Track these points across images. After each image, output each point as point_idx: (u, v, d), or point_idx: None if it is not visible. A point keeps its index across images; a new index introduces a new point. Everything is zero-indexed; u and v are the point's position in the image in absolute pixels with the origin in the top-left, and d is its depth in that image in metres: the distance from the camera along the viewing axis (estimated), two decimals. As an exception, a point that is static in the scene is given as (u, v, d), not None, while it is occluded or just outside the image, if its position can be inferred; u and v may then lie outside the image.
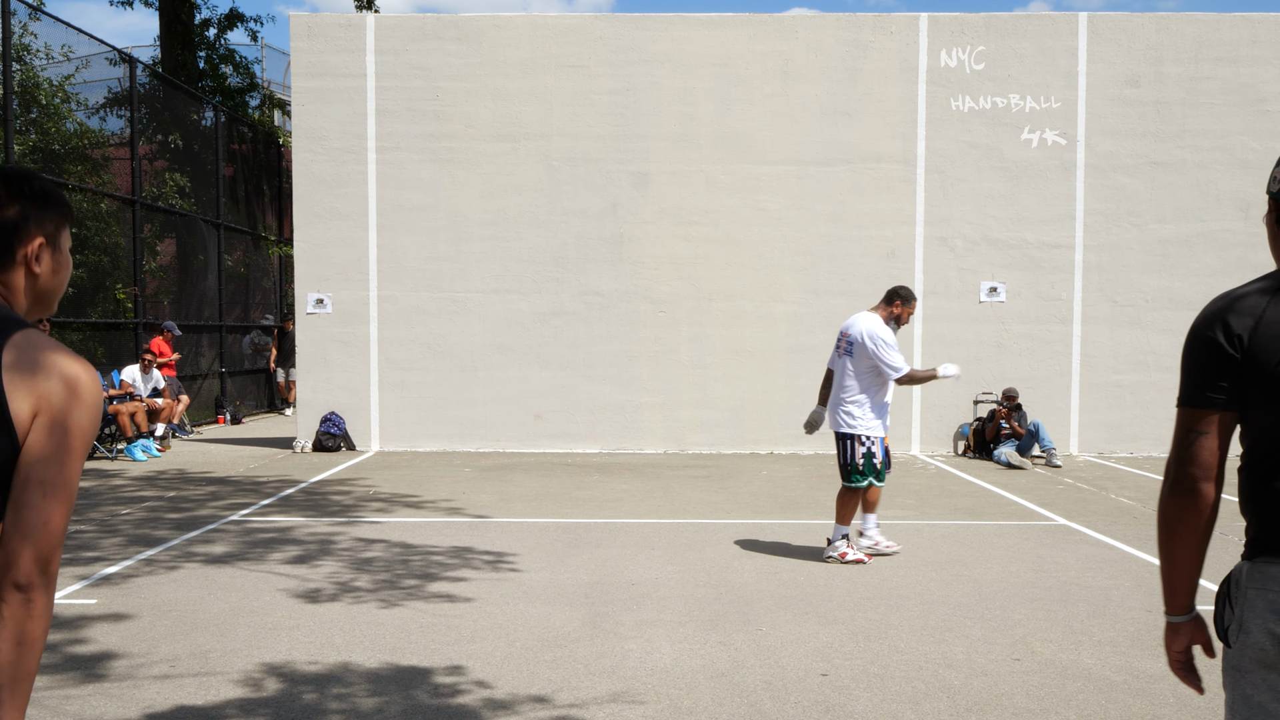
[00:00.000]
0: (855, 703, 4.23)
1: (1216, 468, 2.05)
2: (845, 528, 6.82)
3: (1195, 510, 2.05)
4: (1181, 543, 2.09)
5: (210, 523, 8.01)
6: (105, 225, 14.21)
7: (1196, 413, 2.07)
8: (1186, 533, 2.08)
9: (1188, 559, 2.10)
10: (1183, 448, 2.07)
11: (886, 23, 12.82)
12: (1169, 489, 2.09)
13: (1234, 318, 2.05)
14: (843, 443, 6.82)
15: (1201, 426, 2.06)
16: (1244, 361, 2.01)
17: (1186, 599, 2.14)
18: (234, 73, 21.22)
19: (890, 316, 6.87)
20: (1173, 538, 2.10)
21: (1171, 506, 2.08)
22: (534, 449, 12.82)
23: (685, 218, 12.82)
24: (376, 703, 4.17)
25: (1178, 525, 2.08)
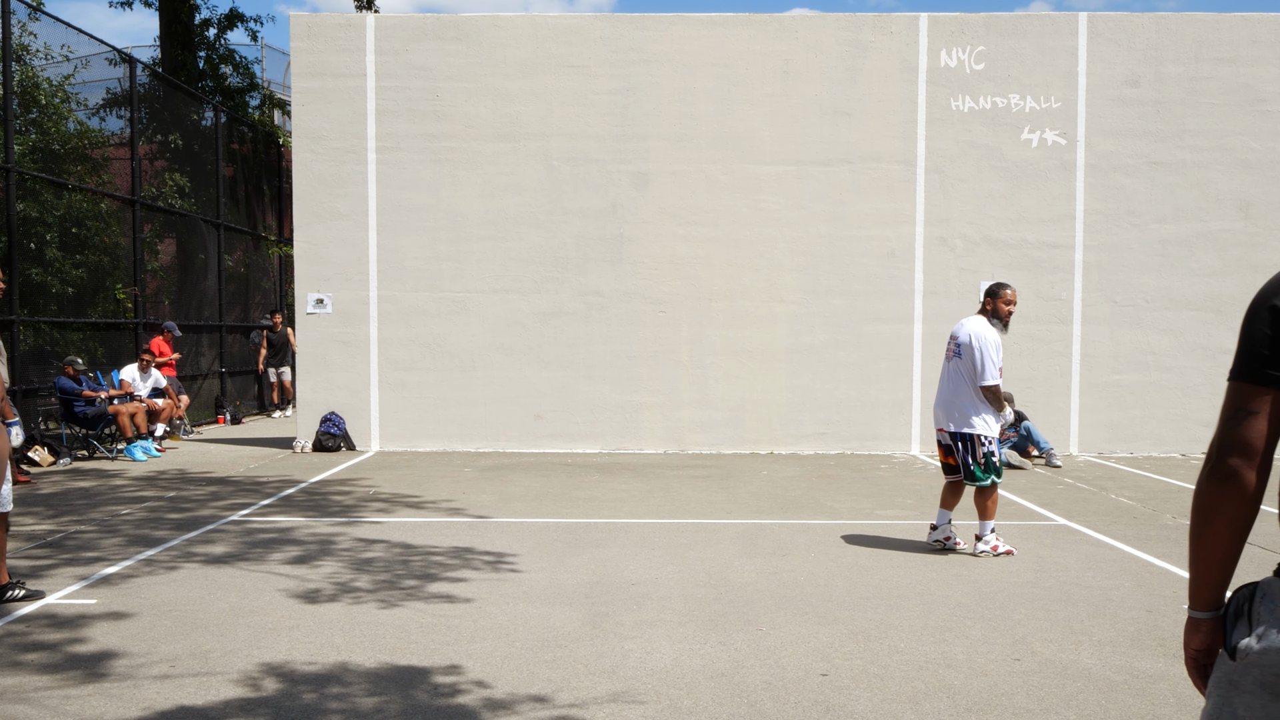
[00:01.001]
0: (855, 703, 4.23)
1: (1263, 453, 1.84)
2: (992, 522, 7.02)
3: (1235, 499, 1.85)
4: (1216, 533, 1.90)
5: (210, 523, 8.01)
6: (105, 225, 14.21)
7: (1248, 389, 1.85)
8: (1223, 523, 1.88)
9: (1221, 552, 1.91)
10: (1228, 428, 1.86)
11: (886, 23, 12.82)
12: (1208, 473, 1.88)
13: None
14: (964, 443, 6.97)
15: (1252, 405, 1.84)
16: None
17: (1214, 594, 1.95)
18: (234, 73, 21.22)
19: (991, 313, 7.01)
20: (1207, 527, 1.90)
21: (1209, 493, 1.88)
22: (534, 449, 12.82)
23: (685, 218, 12.82)
24: (376, 703, 4.17)
25: (1214, 514, 1.88)
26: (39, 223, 12.87)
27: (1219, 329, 12.79)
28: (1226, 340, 12.78)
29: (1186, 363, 12.80)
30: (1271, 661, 1.80)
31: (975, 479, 6.96)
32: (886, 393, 12.80)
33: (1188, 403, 12.80)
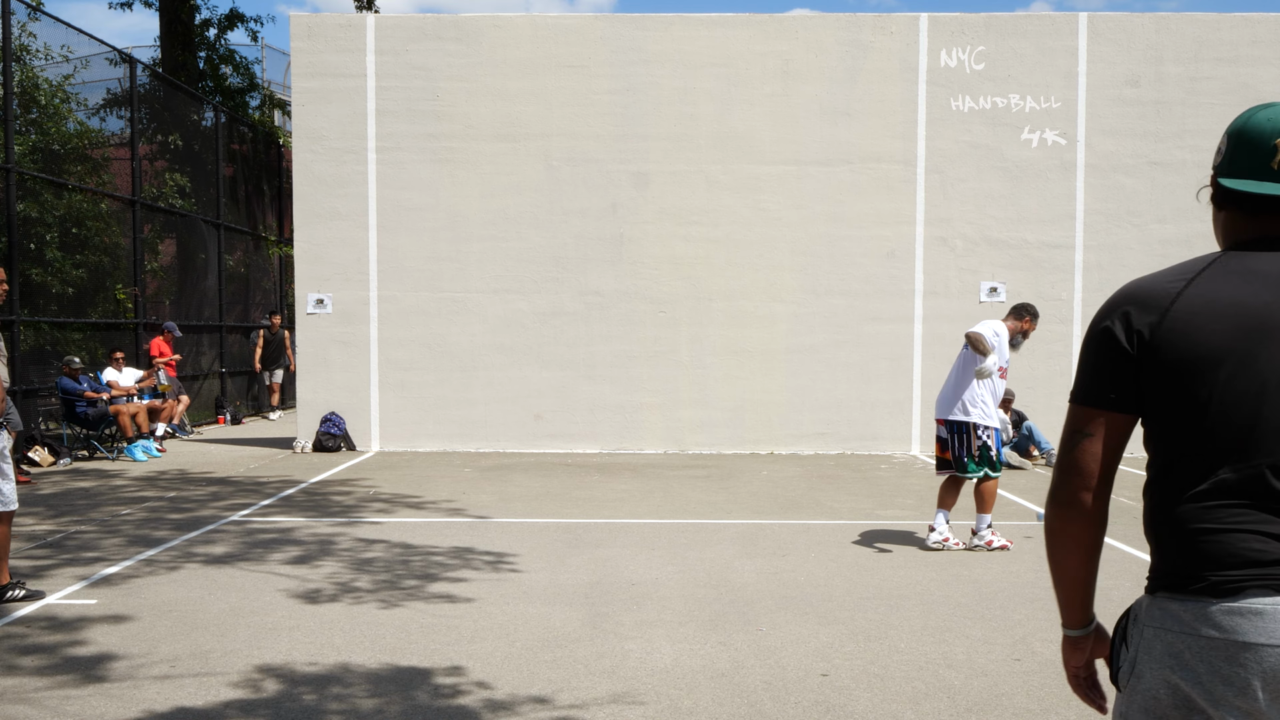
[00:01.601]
0: (855, 703, 4.23)
1: (1100, 475, 1.83)
2: (989, 516, 7.15)
3: (1077, 522, 1.83)
4: (1067, 554, 1.88)
5: (211, 523, 8.01)
6: (105, 225, 14.21)
7: (1083, 410, 1.85)
8: (1070, 545, 1.87)
9: (1074, 572, 1.88)
10: (1066, 451, 1.86)
11: (886, 23, 12.82)
12: (1050, 496, 1.88)
13: (1135, 307, 1.78)
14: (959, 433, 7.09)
15: (1088, 428, 1.83)
16: (1143, 359, 1.76)
17: (1081, 613, 1.92)
18: (234, 73, 21.23)
19: (1019, 330, 7.22)
20: (1056, 549, 1.89)
21: (1054, 517, 1.87)
22: (534, 449, 12.82)
23: (685, 218, 12.82)
24: (376, 703, 4.17)
25: (1061, 537, 1.87)
26: (39, 223, 12.87)
27: (1219, 329, 12.77)
28: (1226, 340, 12.77)
29: (1186, 363, 12.78)
30: (1146, 686, 1.76)
31: (965, 470, 7.04)
32: (886, 393, 12.80)
33: (1188, 403, 12.79)
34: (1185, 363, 1.72)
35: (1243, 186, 1.79)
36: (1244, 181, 1.79)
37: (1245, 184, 1.78)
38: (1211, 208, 1.90)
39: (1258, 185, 1.77)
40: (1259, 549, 1.67)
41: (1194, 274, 1.77)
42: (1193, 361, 1.72)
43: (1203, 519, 1.72)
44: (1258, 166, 1.78)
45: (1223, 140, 1.86)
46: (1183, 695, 1.72)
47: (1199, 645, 1.69)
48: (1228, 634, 1.66)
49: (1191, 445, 1.75)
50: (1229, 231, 1.86)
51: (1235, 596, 1.67)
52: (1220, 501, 1.71)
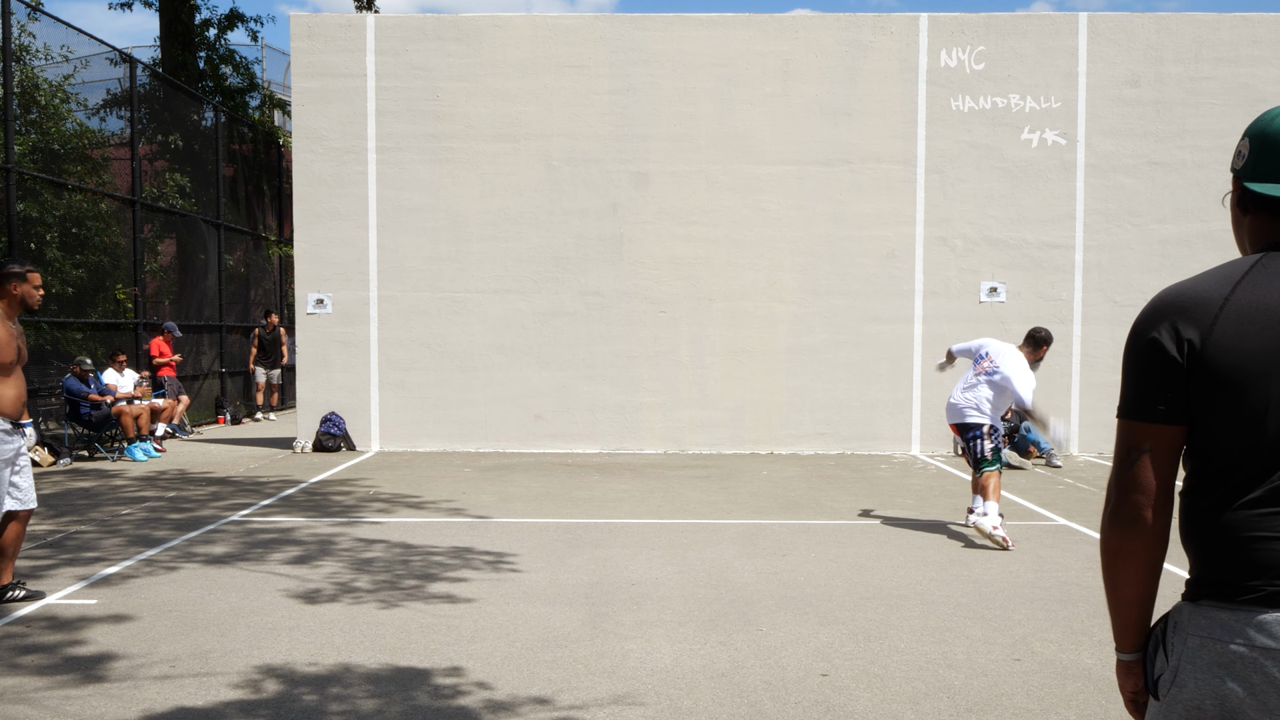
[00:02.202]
0: (855, 703, 4.23)
1: (1161, 491, 1.77)
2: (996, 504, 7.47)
3: (1141, 541, 1.79)
4: (1127, 576, 1.83)
5: (211, 523, 8.01)
6: (105, 225, 14.21)
7: (1138, 426, 1.79)
8: (1132, 566, 1.82)
9: (1135, 594, 1.84)
10: (1125, 468, 1.79)
11: (886, 23, 12.82)
12: (1110, 515, 1.81)
13: (1181, 317, 1.75)
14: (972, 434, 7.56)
15: (1145, 443, 1.78)
16: (1192, 369, 1.73)
17: (1137, 636, 1.87)
18: (234, 73, 21.23)
19: (1035, 359, 7.67)
20: (1117, 571, 1.83)
21: (1114, 536, 1.81)
22: (534, 449, 12.82)
23: (685, 218, 12.82)
24: (377, 704, 4.17)
25: (1121, 557, 1.81)
26: (39, 223, 12.87)
27: (1219, 329, 12.77)
28: (1226, 340, 12.77)
29: (1186, 363, 12.77)
30: (1189, 696, 1.73)
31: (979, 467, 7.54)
32: (886, 393, 12.80)
33: (1188, 403, 12.79)
34: (1238, 371, 1.69)
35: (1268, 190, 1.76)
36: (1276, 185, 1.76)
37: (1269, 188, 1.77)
38: (1233, 211, 1.87)
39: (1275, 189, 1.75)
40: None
41: (1238, 279, 1.73)
42: (1245, 369, 1.68)
43: (1258, 527, 1.68)
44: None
45: (1243, 143, 1.83)
46: (1231, 705, 1.68)
47: (1253, 655, 1.66)
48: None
49: (1245, 454, 1.70)
50: (1259, 235, 1.82)
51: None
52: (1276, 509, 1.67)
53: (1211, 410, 1.72)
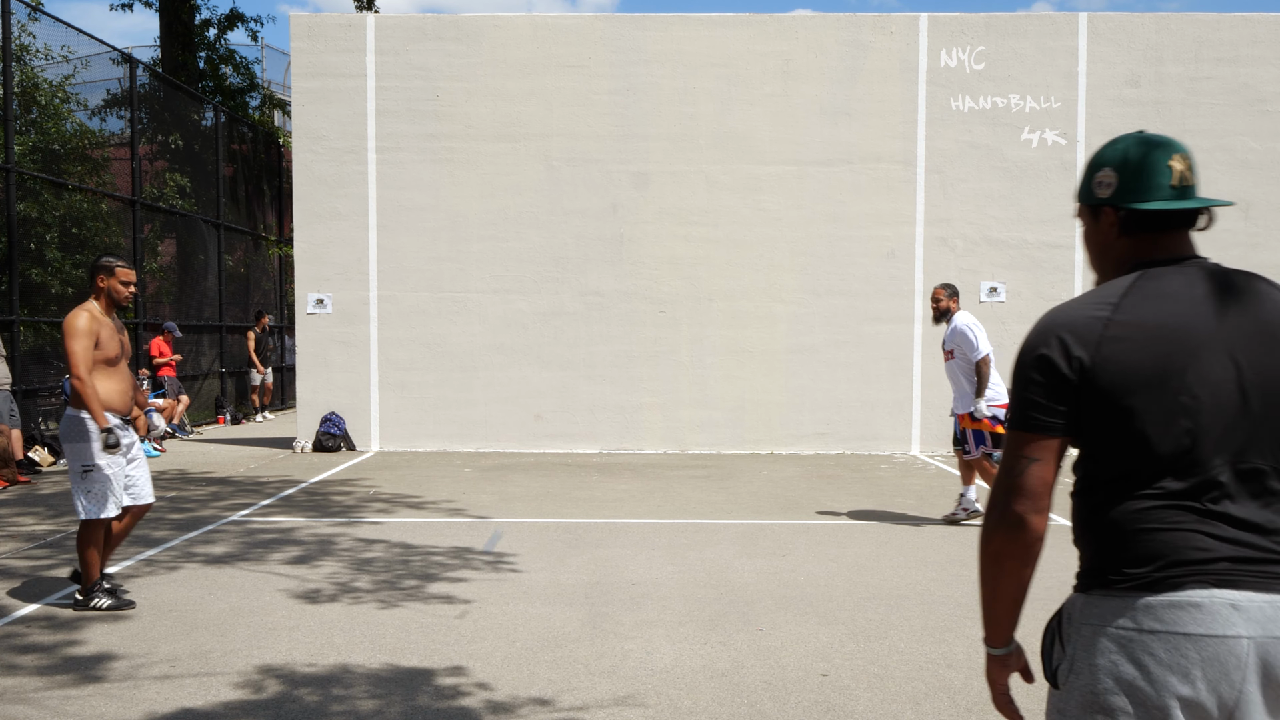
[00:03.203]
0: (855, 703, 4.23)
1: (1047, 497, 1.90)
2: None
3: (1024, 544, 1.89)
4: (1007, 576, 1.94)
5: (211, 523, 8.01)
6: (105, 225, 14.21)
7: (1026, 437, 1.89)
8: (1014, 566, 1.92)
9: (1012, 592, 1.96)
10: (1012, 475, 1.89)
11: (886, 23, 12.82)
12: (996, 520, 1.91)
13: (1071, 335, 1.85)
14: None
15: (1033, 453, 1.89)
16: (1082, 385, 1.84)
17: (1010, 631, 2.01)
18: (234, 73, 21.23)
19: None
20: (1000, 571, 1.94)
21: (998, 539, 1.91)
22: (534, 449, 12.82)
23: (685, 218, 12.82)
24: (377, 704, 4.17)
25: (1005, 559, 1.92)
26: (39, 223, 12.87)
27: (1219, 329, 12.78)
28: (1226, 340, 12.78)
29: (1186, 363, 12.79)
30: (1085, 682, 1.83)
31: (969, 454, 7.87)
32: (886, 393, 12.80)
33: (1188, 403, 12.80)
34: (1123, 385, 1.82)
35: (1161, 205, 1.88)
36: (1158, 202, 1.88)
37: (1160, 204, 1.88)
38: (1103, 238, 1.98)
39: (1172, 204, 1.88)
40: (1201, 547, 1.79)
41: (1117, 299, 1.86)
42: (1130, 383, 1.82)
43: (1146, 521, 1.83)
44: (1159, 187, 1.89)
45: (1102, 173, 1.95)
46: (1125, 685, 1.80)
47: (1141, 637, 1.80)
48: (1170, 626, 1.78)
49: (1133, 460, 1.84)
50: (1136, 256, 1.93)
51: (1176, 590, 1.78)
52: (1164, 504, 1.82)
53: (1102, 422, 1.85)
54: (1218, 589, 1.77)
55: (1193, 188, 1.92)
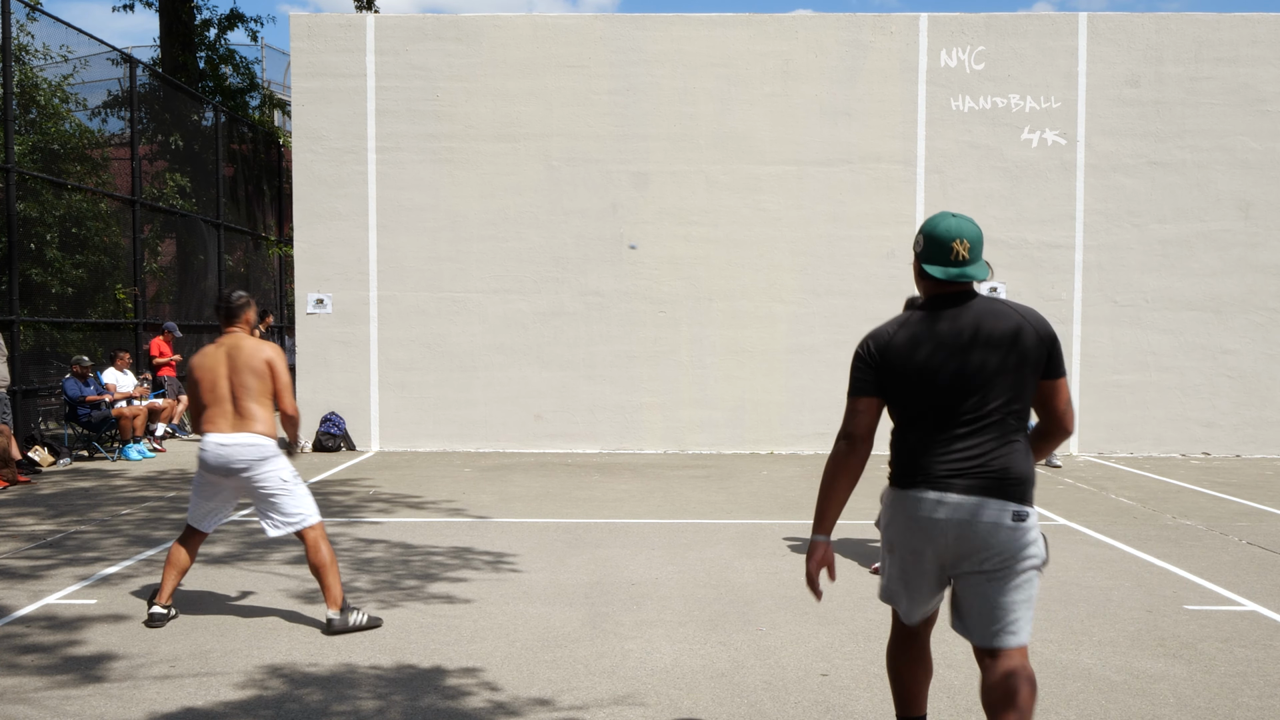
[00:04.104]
0: (855, 703, 4.23)
1: (868, 434, 3.19)
2: None
3: (853, 461, 3.18)
4: (840, 482, 3.19)
5: (210, 523, 8.00)
6: (105, 225, 14.21)
7: (857, 398, 3.20)
8: (845, 474, 3.19)
9: (841, 495, 3.20)
10: (847, 423, 3.20)
11: (886, 23, 12.83)
12: (840, 446, 3.19)
13: (874, 342, 3.19)
14: None
15: (860, 408, 3.19)
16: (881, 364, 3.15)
17: (832, 524, 3.22)
18: (234, 73, 21.22)
19: None
20: (836, 480, 3.19)
21: (840, 457, 3.18)
22: (534, 449, 12.82)
23: (685, 218, 12.82)
24: (378, 704, 4.17)
25: (841, 471, 3.19)
26: (39, 223, 12.86)
27: (1219, 329, 12.79)
28: (1226, 340, 12.79)
29: (1186, 363, 12.80)
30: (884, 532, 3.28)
31: None
32: (886, 393, 12.79)
33: (1187, 403, 12.81)
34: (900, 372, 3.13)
35: (936, 272, 3.13)
36: (935, 268, 3.14)
37: (936, 270, 3.14)
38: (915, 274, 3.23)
39: (944, 271, 3.13)
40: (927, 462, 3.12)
41: (900, 325, 3.18)
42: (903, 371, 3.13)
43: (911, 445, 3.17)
44: (943, 257, 3.13)
45: (918, 238, 3.20)
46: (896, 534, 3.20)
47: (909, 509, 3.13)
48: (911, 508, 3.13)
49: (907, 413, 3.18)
50: (929, 291, 3.20)
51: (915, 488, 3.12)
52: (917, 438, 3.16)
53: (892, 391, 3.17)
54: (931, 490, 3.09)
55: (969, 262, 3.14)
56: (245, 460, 5.19)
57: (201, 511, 5.42)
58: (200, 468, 5.33)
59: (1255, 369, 12.81)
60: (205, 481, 5.35)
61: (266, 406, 5.30)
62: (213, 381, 5.29)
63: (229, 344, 5.34)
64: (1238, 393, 12.83)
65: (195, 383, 5.34)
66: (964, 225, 3.14)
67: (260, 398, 5.27)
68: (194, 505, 5.44)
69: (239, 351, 5.29)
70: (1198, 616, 5.56)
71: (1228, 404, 12.83)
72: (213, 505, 5.42)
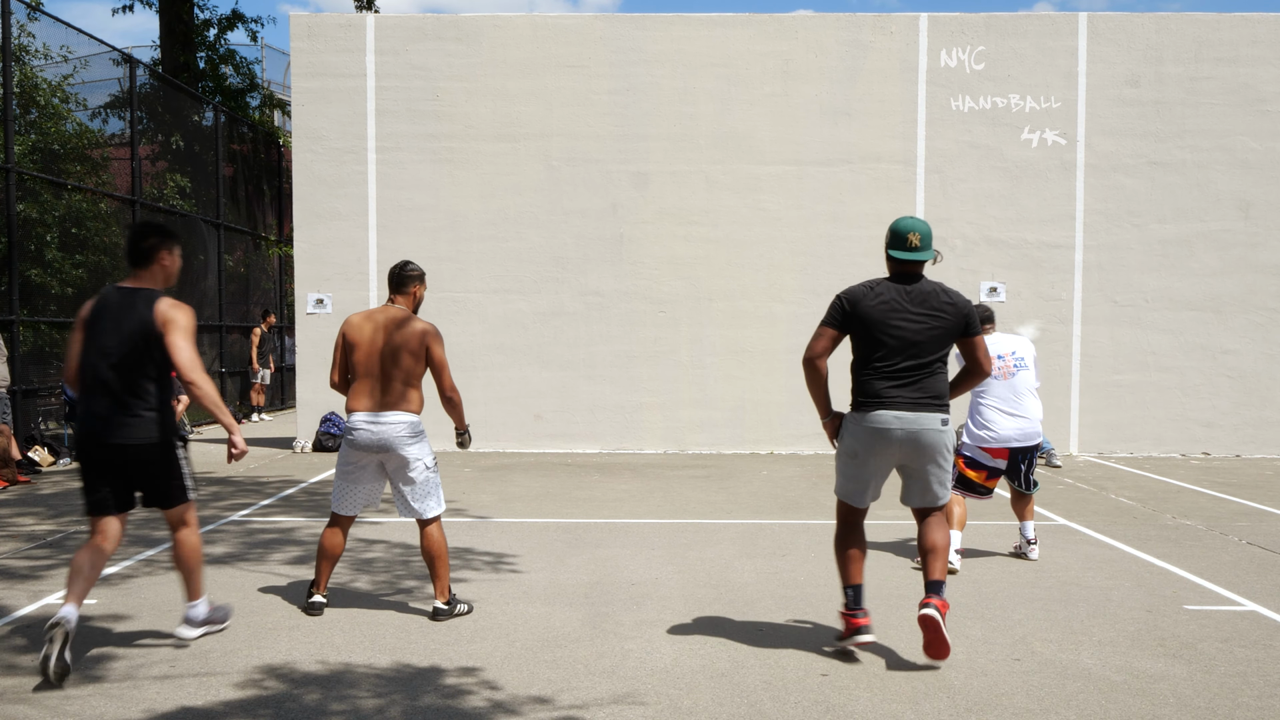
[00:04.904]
0: (855, 703, 4.23)
1: (825, 353, 4.71)
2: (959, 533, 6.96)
3: (820, 372, 4.73)
4: (820, 387, 4.77)
5: (211, 523, 8.01)
6: (105, 225, 14.21)
7: (825, 328, 4.73)
8: (820, 382, 4.75)
9: (823, 391, 4.78)
10: (814, 342, 4.71)
11: (886, 23, 12.83)
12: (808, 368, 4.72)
13: (848, 296, 4.75)
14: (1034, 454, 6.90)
15: (826, 334, 4.72)
16: (850, 314, 4.69)
17: (828, 409, 4.84)
18: (234, 73, 21.22)
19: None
20: (817, 385, 4.77)
21: (812, 373, 4.73)
22: (534, 449, 12.82)
23: (685, 218, 12.83)
24: (378, 704, 4.18)
25: (816, 381, 4.76)
26: (39, 223, 12.86)
27: (1219, 329, 12.79)
28: (1227, 340, 12.79)
29: (1186, 363, 12.80)
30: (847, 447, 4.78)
31: (1035, 486, 6.90)
32: (886, 393, 12.79)
33: (1187, 403, 12.81)
34: (864, 321, 4.64)
35: (898, 254, 4.76)
36: (898, 252, 4.76)
37: (898, 253, 4.76)
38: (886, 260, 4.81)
39: (903, 254, 4.75)
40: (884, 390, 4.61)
41: (870, 288, 4.73)
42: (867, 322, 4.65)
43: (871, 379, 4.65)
44: (901, 245, 4.76)
45: (888, 233, 4.80)
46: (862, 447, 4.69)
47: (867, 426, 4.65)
48: (873, 424, 4.63)
49: (869, 354, 4.66)
50: (893, 270, 4.81)
51: (876, 410, 4.62)
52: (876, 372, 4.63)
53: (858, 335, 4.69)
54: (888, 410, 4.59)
55: (919, 249, 4.76)
56: (394, 438, 5.24)
57: (346, 496, 5.46)
58: (345, 445, 5.36)
59: (1255, 369, 12.81)
60: (348, 461, 5.40)
61: (417, 388, 5.32)
62: (368, 353, 5.26)
63: (390, 316, 5.30)
64: (1238, 393, 12.83)
65: (352, 346, 5.30)
66: (917, 224, 4.79)
67: (412, 378, 5.28)
68: (337, 490, 5.47)
69: (397, 327, 5.25)
70: (1198, 616, 5.56)
71: (1228, 404, 12.83)
72: (357, 488, 5.45)
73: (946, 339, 4.65)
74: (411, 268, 5.48)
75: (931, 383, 4.61)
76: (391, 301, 5.44)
